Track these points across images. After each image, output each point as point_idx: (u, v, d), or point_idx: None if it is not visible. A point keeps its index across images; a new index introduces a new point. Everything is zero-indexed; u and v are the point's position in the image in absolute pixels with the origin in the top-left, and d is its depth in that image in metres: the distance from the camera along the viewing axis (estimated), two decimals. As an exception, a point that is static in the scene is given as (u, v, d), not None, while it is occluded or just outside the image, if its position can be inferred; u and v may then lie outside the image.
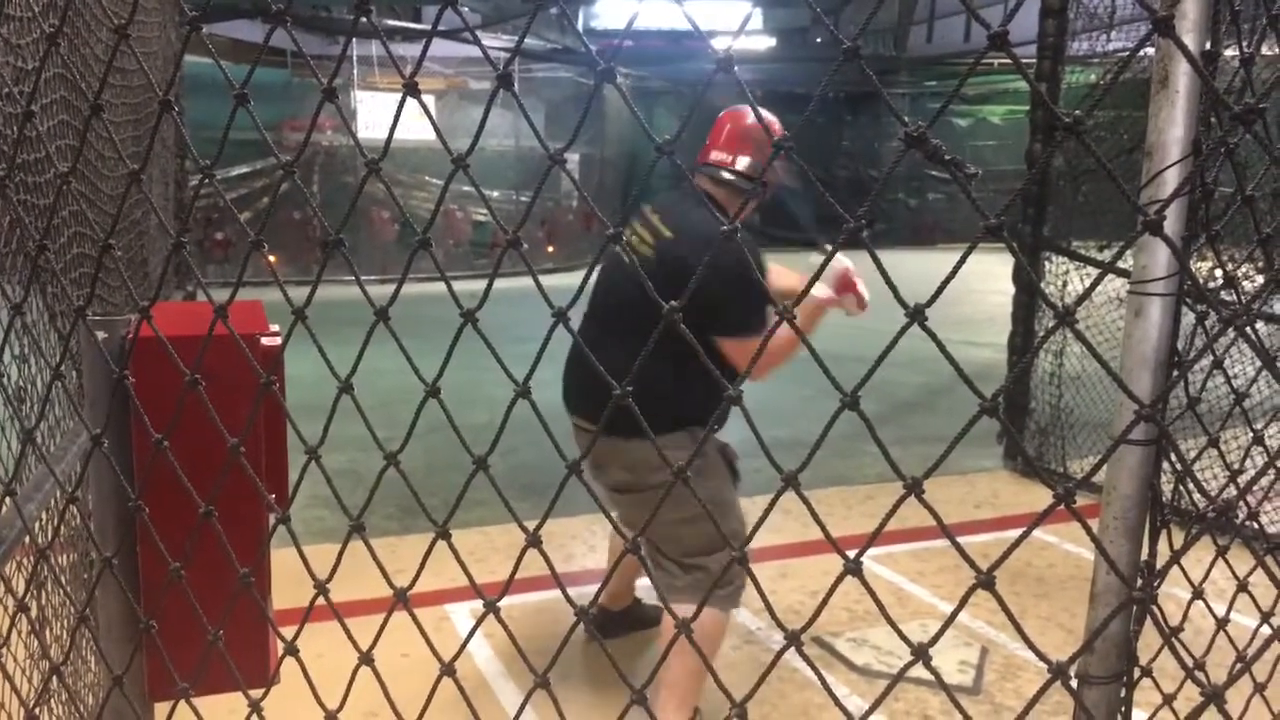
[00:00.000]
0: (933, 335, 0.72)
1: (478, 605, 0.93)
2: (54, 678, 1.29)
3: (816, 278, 0.88)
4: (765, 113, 3.14)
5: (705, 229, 2.75)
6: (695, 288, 0.83)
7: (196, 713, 1.16)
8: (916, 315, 0.68)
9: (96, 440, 1.09)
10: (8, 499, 1.29)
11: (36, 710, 1.32)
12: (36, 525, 1.59)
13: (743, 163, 2.86)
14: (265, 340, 1.49)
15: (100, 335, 1.24)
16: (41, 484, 1.63)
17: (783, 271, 3.20)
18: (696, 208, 2.84)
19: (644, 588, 3.70)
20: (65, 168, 1.03)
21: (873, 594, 0.80)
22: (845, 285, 2.95)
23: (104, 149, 2.60)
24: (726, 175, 2.87)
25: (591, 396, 2.95)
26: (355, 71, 14.59)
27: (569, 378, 3.03)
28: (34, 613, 1.63)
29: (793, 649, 0.82)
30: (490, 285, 0.92)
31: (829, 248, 0.82)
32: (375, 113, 14.78)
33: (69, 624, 1.88)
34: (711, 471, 2.94)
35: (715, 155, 2.91)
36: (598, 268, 3.12)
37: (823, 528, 0.82)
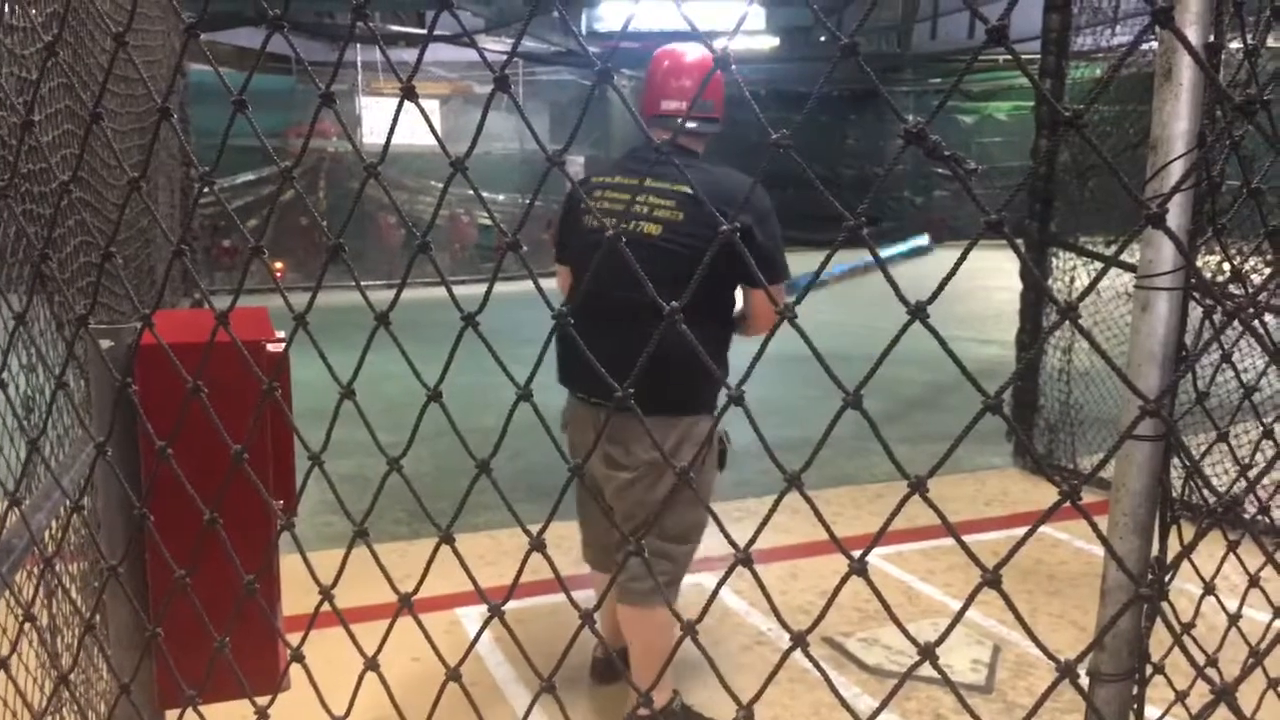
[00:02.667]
0: (934, 332, 0.71)
1: (487, 609, 0.93)
2: (63, 687, 1.29)
3: (824, 267, 0.87)
4: (691, 45, 2.97)
5: (729, 182, 2.66)
6: (738, 239, 0.80)
7: (205, 720, 1.16)
8: (917, 313, 0.68)
9: (100, 448, 1.09)
10: (15, 509, 1.30)
11: (46, 719, 1.32)
12: (46, 534, 1.60)
13: (700, 105, 2.81)
14: (270, 346, 1.49)
15: (105, 343, 1.24)
16: (50, 492, 1.64)
17: None
18: (698, 162, 2.79)
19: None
20: (67, 177, 1.03)
21: (879, 594, 0.80)
22: None
23: (108, 157, 2.61)
24: (690, 125, 2.82)
25: (625, 373, 2.83)
26: (360, 77, 14.62)
27: (574, 356, 2.81)
28: (44, 621, 1.63)
29: (800, 649, 0.81)
30: (490, 288, 0.92)
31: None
32: (380, 119, 14.80)
33: (79, 632, 1.88)
34: (714, 460, 2.91)
35: (667, 105, 2.80)
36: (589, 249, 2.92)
37: (827, 528, 0.82)
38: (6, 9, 1.64)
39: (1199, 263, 1.38)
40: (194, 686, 1.13)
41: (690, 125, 2.83)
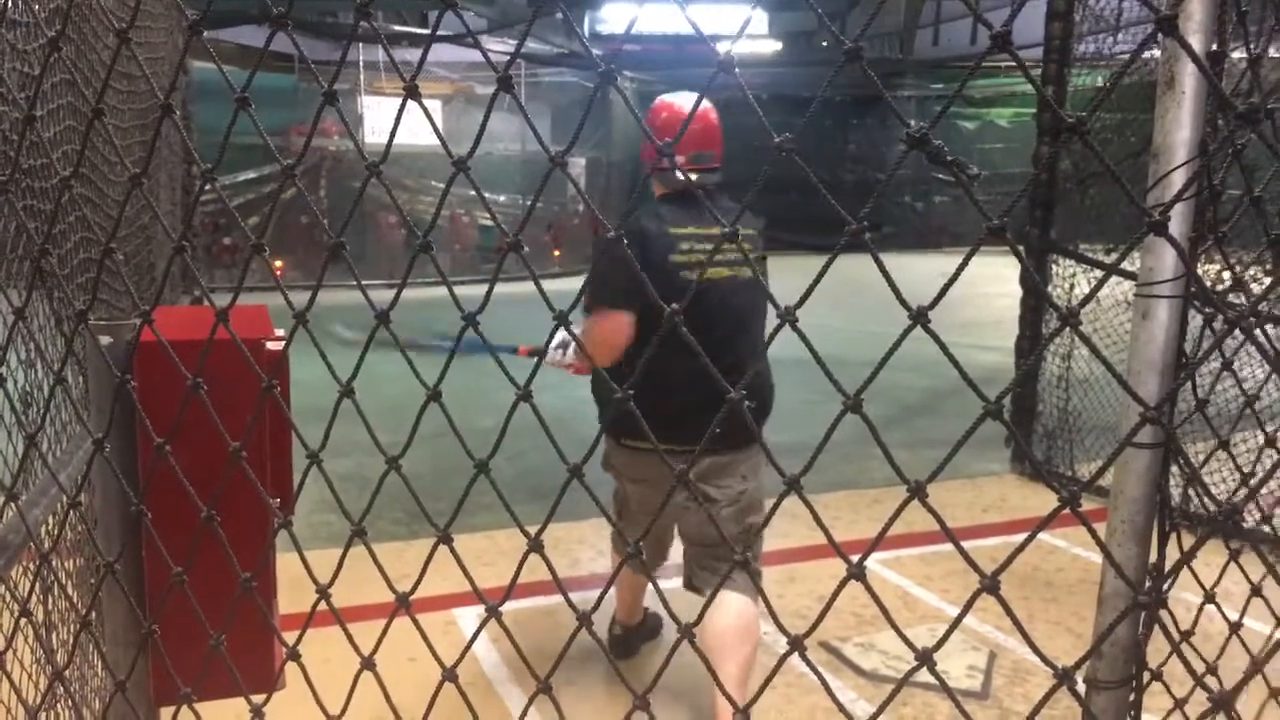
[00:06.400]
0: (935, 337, 0.71)
1: (484, 610, 0.93)
2: (58, 683, 1.29)
3: (824, 272, 0.87)
4: (685, 96, 3.09)
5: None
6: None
7: (199, 718, 1.16)
8: (919, 318, 0.68)
9: (99, 445, 1.09)
10: (12, 504, 1.29)
11: (41, 716, 1.31)
12: (43, 529, 1.60)
13: (701, 158, 2.96)
14: (270, 345, 1.49)
15: (105, 340, 1.24)
16: (47, 489, 1.63)
17: None
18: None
19: (649, 597, 3.69)
20: (68, 172, 1.03)
21: (877, 599, 0.80)
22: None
23: (110, 154, 2.61)
24: (693, 176, 2.96)
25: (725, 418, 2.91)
26: (362, 77, 14.63)
27: (693, 407, 2.78)
28: (39, 618, 1.63)
29: (798, 653, 0.81)
30: (491, 289, 0.92)
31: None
32: (381, 118, 14.82)
33: (75, 629, 1.88)
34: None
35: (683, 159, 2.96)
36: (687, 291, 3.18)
37: (826, 532, 0.82)
38: (9, 4, 1.64)
39: (1199, 271, 1.38)
40: (189, 684, 1.13)
41: (694, 176, 2.95)
